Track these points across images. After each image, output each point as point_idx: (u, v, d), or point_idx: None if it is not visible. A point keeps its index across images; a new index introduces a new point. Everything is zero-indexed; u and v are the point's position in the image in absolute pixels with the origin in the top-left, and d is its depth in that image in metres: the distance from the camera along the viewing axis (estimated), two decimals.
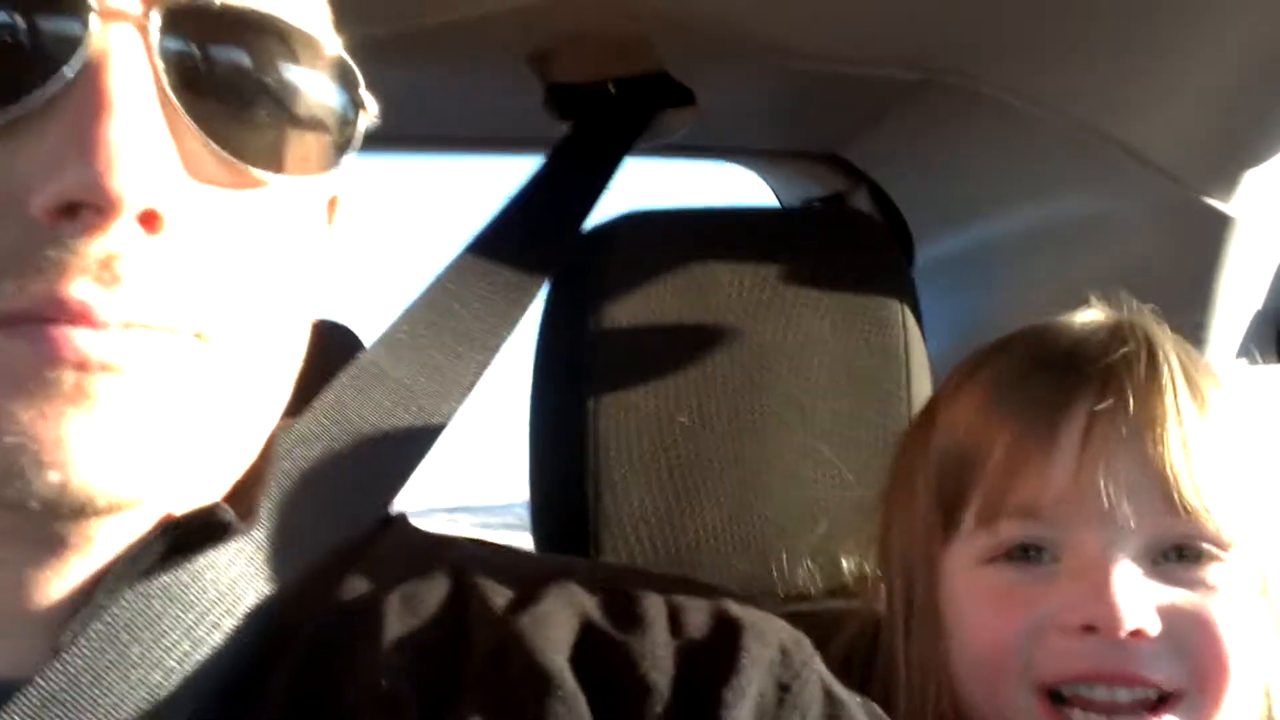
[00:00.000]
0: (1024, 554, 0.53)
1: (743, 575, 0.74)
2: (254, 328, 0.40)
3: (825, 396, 0.77)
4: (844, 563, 0.71)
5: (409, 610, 0.43)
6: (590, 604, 0.45)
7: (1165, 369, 0.53)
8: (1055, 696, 0.51)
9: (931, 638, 0.57)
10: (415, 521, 0.51)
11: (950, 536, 0.56)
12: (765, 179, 1.22)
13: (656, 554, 0.72)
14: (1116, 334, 0.56)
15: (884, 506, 0.64)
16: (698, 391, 0.74)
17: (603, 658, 0.43)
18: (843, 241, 0.83)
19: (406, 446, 0.50)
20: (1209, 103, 0.83)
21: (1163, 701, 0.50)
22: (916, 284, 0.85)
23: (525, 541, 0.78)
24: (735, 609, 0.47)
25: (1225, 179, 0.88)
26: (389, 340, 0.54)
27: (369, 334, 0.61)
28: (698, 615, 0.46)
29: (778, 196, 1.22)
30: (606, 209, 0.81)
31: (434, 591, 0.45)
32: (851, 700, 0.45)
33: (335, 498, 0.46)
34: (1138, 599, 0.49)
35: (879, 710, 0.47)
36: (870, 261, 0.83)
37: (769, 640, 0.45)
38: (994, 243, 1.06)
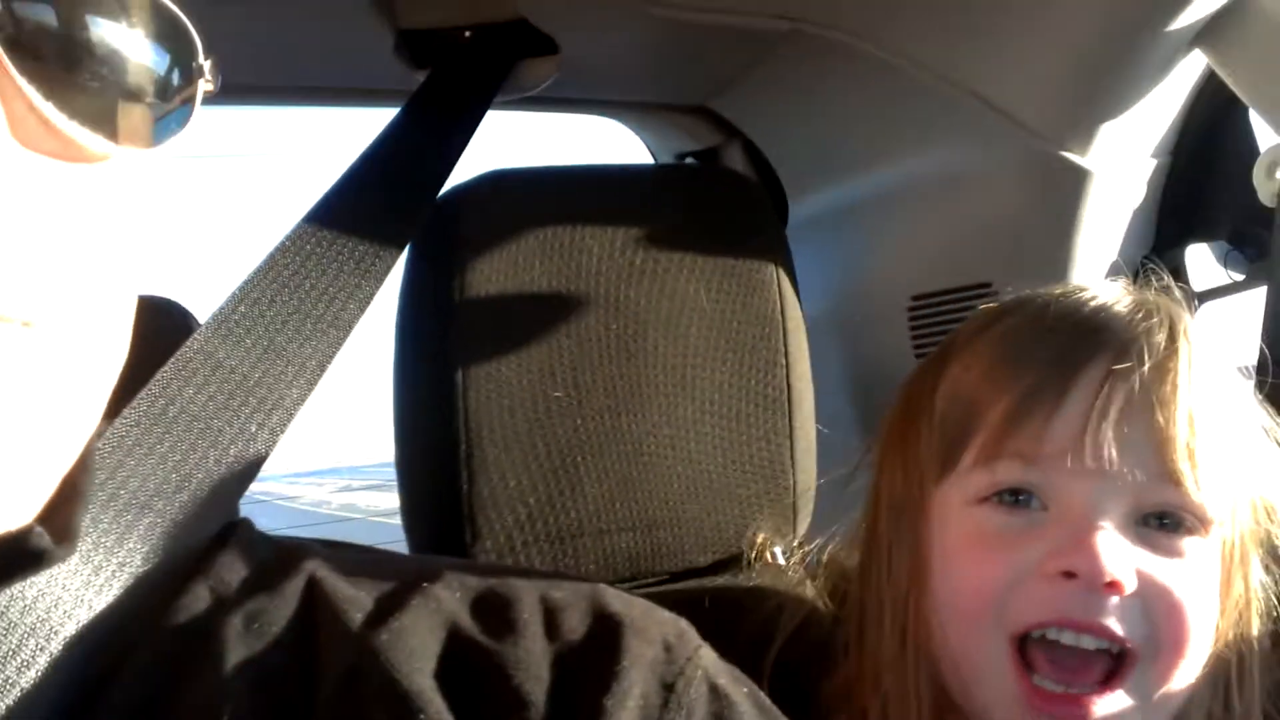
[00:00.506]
0: (1014, 499, 0.55)
1: (629, 554, 0.72)
2: (86, 314, 0.34)
3: (704, 365, 0.75)
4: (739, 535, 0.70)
5: (252, 631, 0.39)
6: (458, 610, 0.42)
7: (1184, 344, 0.55)
8: (1023, 641, 0.53)
9: (912, 575, 0.58)
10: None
11: (946, 474, 0.57)
12: (638, 133, 1.19)
13: (537, 537, 0.69)
14: (1142, 306, 0.58)
15: (880, 445, 0.65)
16: (573, 364, 0.71)
17: (473, 670, 0.40)
18: (716, 201, 0.81)
19: (246, 443, 0.45)
20: (1067, 56, 0.84)
21: (1119, 660, 0.52)
22: (790, 243, 0.84)
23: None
24: (615, 604, 0.45)
25: (1083, 133, 0.90)
26: (220, 322, 0.49)
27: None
28: (575, 615, 0.43)
29: (651, 151, 1.20)
30: (471, 168, 0.77)
31: (281, 608, 0.41)
32: (738, 692, 0.44)
33: (165, 509, 0.41)
34: (1119, 553, 0.51)
35: (766, 701, 0.46)
36: (744, 221, 0.81)
37: (651, 637, 0.43)
38: (865, 200, 1.07)
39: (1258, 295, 1.02)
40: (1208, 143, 1.01)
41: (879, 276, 0.66)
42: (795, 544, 0.75)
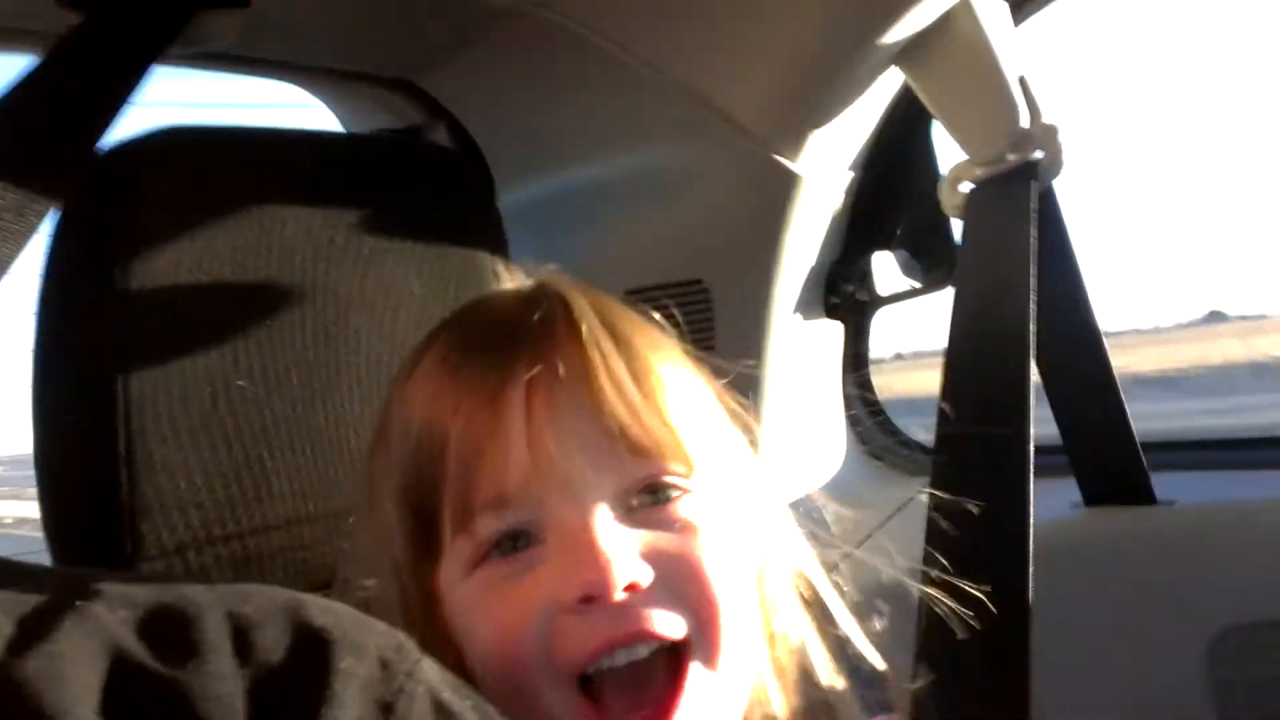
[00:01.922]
0: (512, 545, 0.52)
1: (322, 561, 0.66)
2: None
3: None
4: None
5: None
6: (122, 631, 0.37)
7: (584, 325, 0.54)
8: (586, 683, 0.51)
9: (454, 665, 0.52)
10: None
11: (437, 559, 0.54)
12: (330, 105, 1.12)
13: (215, 546, 0.62)
14: (532, 298, 0.57)
15: (356, 534, 0.60)
16: (260, 349, 0.65)
17: (149, 702, 0.35)
18: (428, 178, 0.77)
19: None
20: (783, 61, 0.89)
21: (677, 657, 0.52)
22: None
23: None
24: (320, 617, 0.40)
25: (794, 138, 0.96)
26: None
27: None
28: (271, 631, 0.39)
29: (345, 127, 1.13)
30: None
31: None
32: (463, 706, 0.42)
33: None
34: (623, 552, 0.50)
35: (492, 710, 0.44)
36: (459, 203, 0.78)
37: (364, 652, 0.40)
38: (578, 190, 1.08)
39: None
40: (895, 157, 1.13)
41: (591, 269, 0.66)
42: None
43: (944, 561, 0.67)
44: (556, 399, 0.52)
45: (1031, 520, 0.74)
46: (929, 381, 0.84)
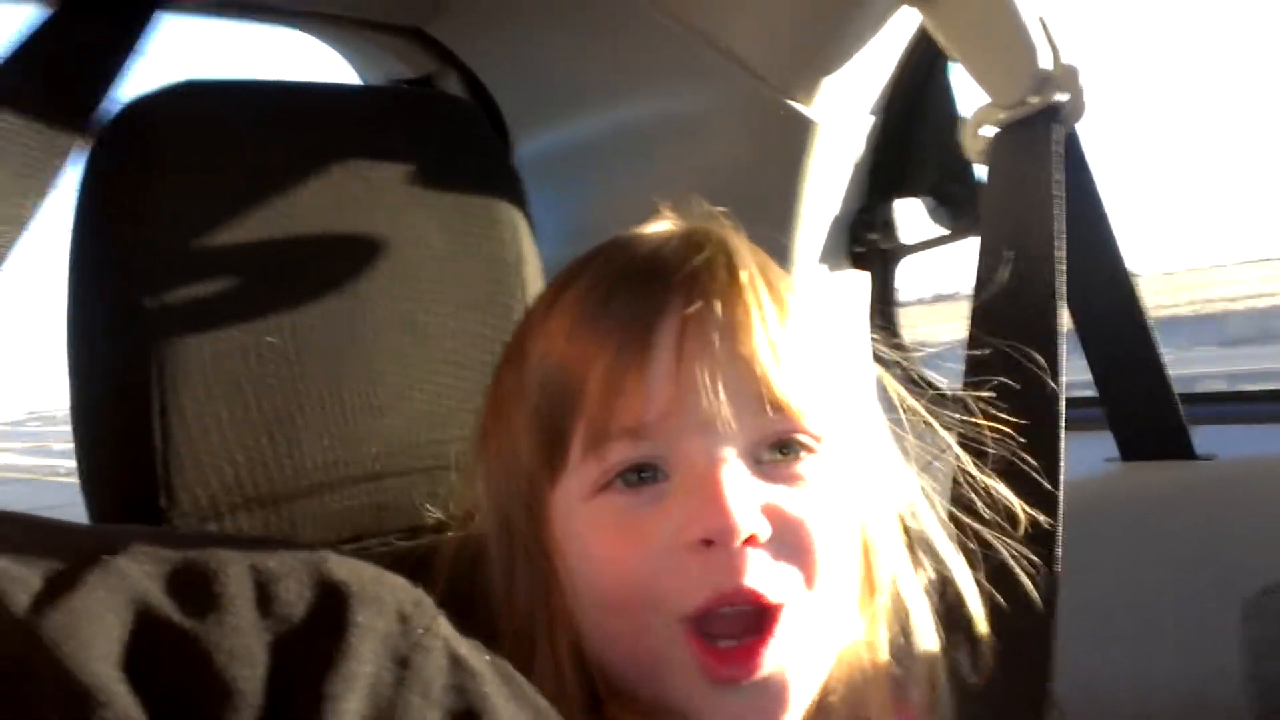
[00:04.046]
0: (637, 477, 0.55)
1: (352, 514, 0.69)
2: None
3: (437, 310, 0.73)
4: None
5: None
6: (148, 586, 0.38)
7: (744, 272, 0.56)
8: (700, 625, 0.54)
9: (544, 580, 0.57)
10: None
11: (558, 474, 0.57)
12: (343, 53, 1.13)
13: (246, 500, 0.64)
14: (692, 240, 0.59)
15: (480, 448, 0.63)
16: (290, 305, 0.67)
17: (168, 656, 0.36)
18: (444, 129, 0.79)
19: None
20: (796, 4, 0.90)
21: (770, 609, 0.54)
22: None
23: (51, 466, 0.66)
24: (340, 571, 0.42)
25: (809, 82, 0.97)
26: None
27: None
28: (292, 584, 0.40)
29: (360, 76, 1.14)
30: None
31: None
32: (480, 662, 0.44)
33: None
34: (748, 503, 0.53)
35: (510, 669, 0.46)
36: (476, 154, 0.80)
37: (383, 606, 0.42)
38: (593, 139, 1.09)
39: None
40: (914, 102, 1.13)
41: (609, 220, 0.67)
42: None
43: (969, 519, 0.68)
44: (710, 340, 0.54)
45: (1063, 475, 0.75)
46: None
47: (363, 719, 0.38)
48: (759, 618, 0.53)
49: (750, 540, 0.53)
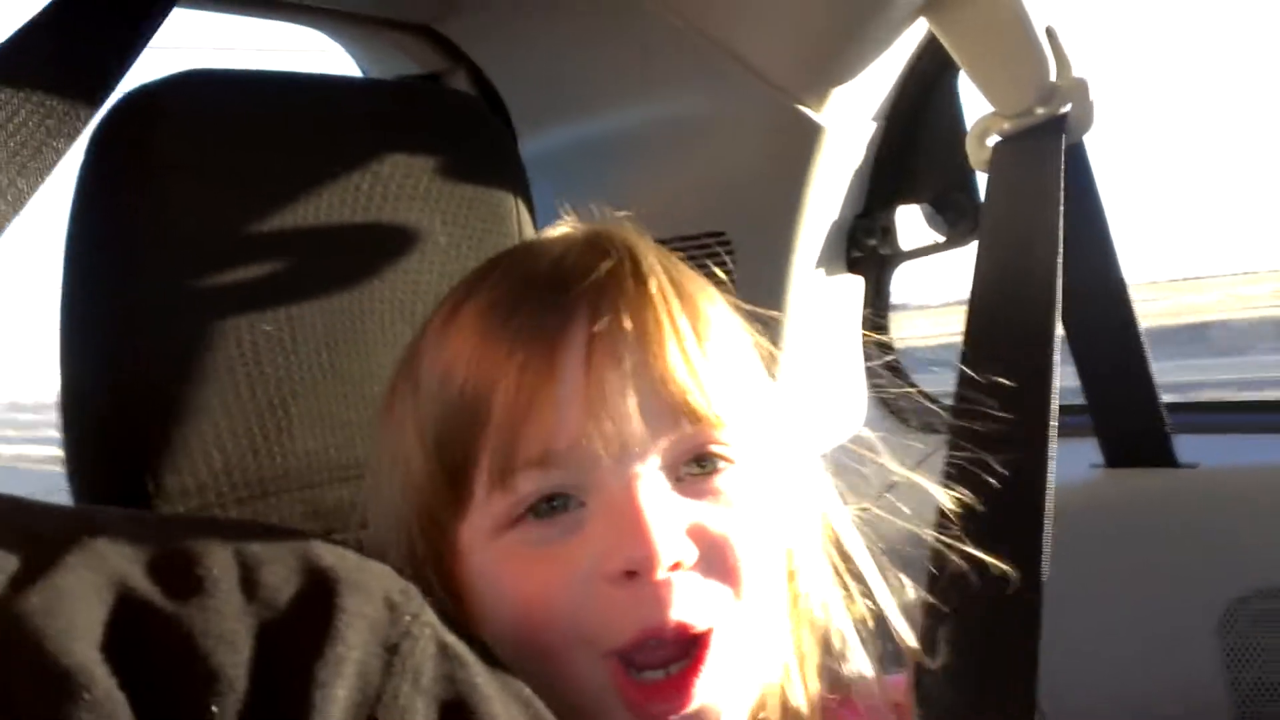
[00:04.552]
0: (548, 507, 0.51)
1: (342, 508, 0.69)
2: None
3: (438, 300, 0.74)
4: None
5: None
6: (129, 568, 0.37)
7: (653, 280, 0.53)
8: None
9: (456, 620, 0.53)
10: None
11: (463, 508, 0.53)
12: (350, 50, 1.13)
13: (235, 487, 0.65)
14: (596, 246, 0.56)
15: (375, 474, 0.59)
16: (285, 293, 0.67)
17: (150, 640, 0.36)
18: (450, 124, 0.79)
19: None
20: (809, 12, 0.90)
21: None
22: None
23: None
24: (328, 558, 0.42)
25: (819, 89, 0.97)
26: None
27: None
28: (278, 570, 0.40)
29: (365, 72, 1.15)
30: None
31: None
32: (467, 651, 0.43)
33: None
34: (670, 526, 0.50)
35: (495, 655, 0.45)
36: (482, 149, 0.80)
37: (370, 593, 0.41)
38: (601, 139, 1.09)
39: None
40: (919, 109, 1.14)
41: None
42: None
43: (957, 522, 0.69)
44: (620, 356, 0.51)
45: (1050, 481, 0.75)
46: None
47: (351, 705, 0.37)
48: (688, 644, 0.51)
49: (674, 566, 0.50)
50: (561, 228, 0.62)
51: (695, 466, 0.53)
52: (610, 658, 0.50)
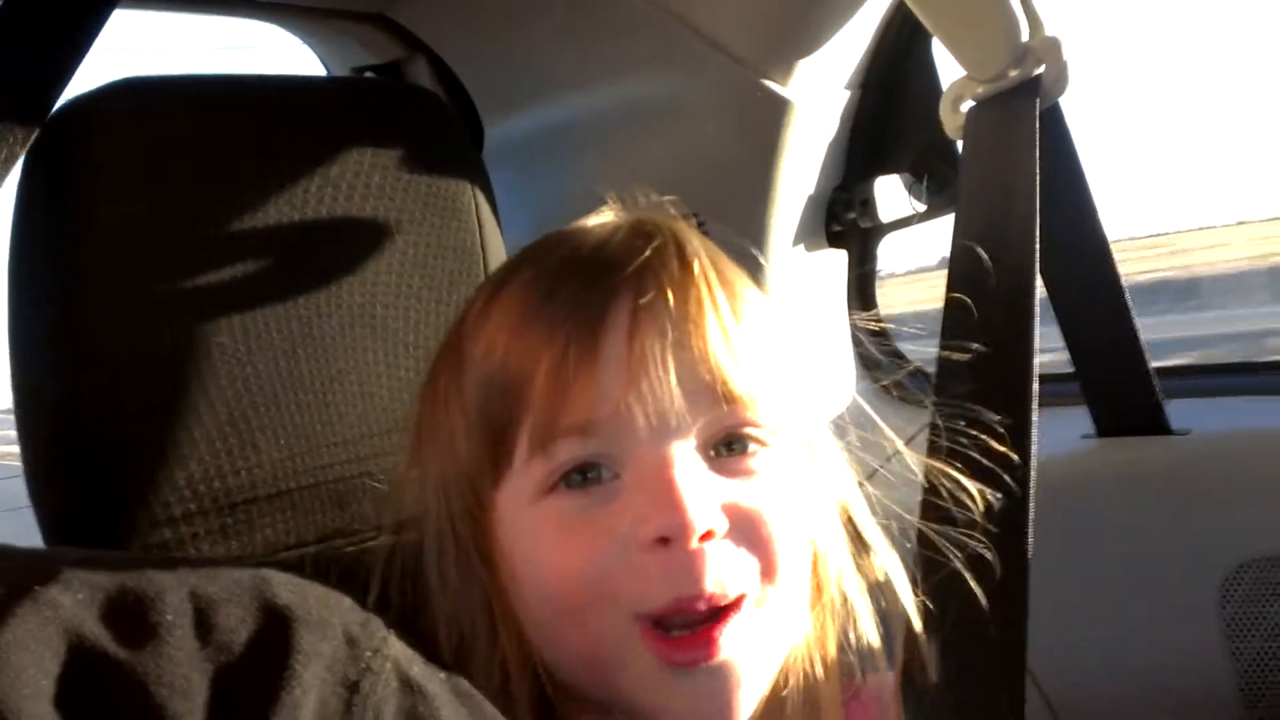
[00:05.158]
0: (583, 477, 0.54)
1: (314, 517, 0.68)
2: None
3: (397, 302, 0.72)
4: None
5: None
6: (82, 616, 0.37)
7: (696, 263, 0.55)
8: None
9: (487, 585, 0.56)
10: None
11: (501, 476, 0.55)
12: (309, 43, 1.11)
13: (203, 507, 0.63)
14: (641, 231, 0.58)
15: (414, 453, 0.61)
16: (239, 303, 0.66)
17: (104, 690, 0.35)
18: (402, 119, 0.77)
19: None
20: None
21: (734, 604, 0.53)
22: (488, 169, 0.83)
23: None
24: (285, 594, 0.41)
25: (784, 62, 0.95)
26: None
27: None
28: (234, 610, 0.39)
29: (325, 64, 1.13)
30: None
31: None
32: (433, 681, 0.43)
33: None
34: (703, 498, 0.52)
35: (465, 685, 0.45)
36: (436, 143, 0.78)
37: (329, 630, 0.41)
38: (568, 124, 1.07)
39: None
40: (893, 77, 1.11)
41: (584, 206, 0.66)
42: None
43: (944, 497, 0.68)
44: (663, 332, 0.53)
45: (1034, 447, 0.74)
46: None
47: None
48: (717, 610, 0.53)
49: (707, 536, 0.52)
50: (606, 214, 0.63)
51: (728, 447, 0.55)
52: (641, 619, 0.52)
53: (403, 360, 0.73)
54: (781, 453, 0.57)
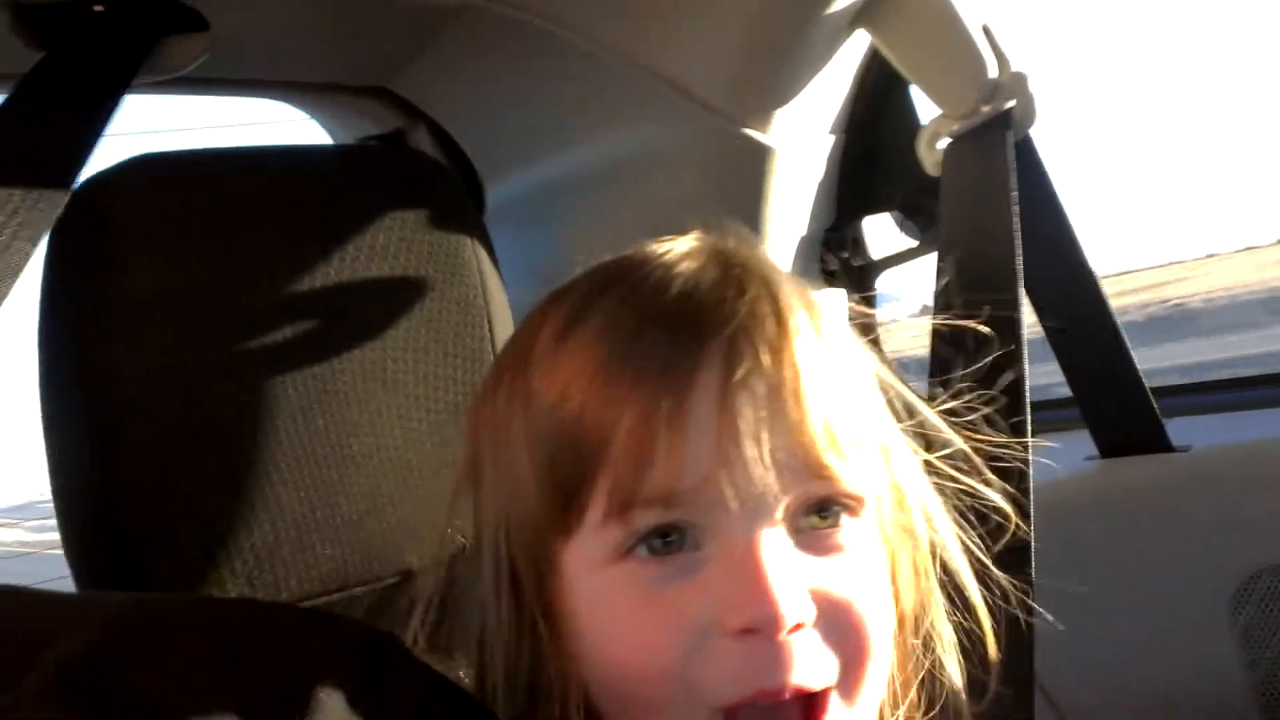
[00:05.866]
0: (663, 543, 0.50)
1: (336, 567, 0.71)
2: None
3: (406, 357, 0.75)
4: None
5: None
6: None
7: (793, 320, 0.51)
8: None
9: (549, 642, 0.53)
10: None
11: (571, 532, 0.51)
12: (314, 116, 1.17)
13: (229, 559, 0.67)
14: (730, 275, 0.53)
15: (468, 490, 0.58)
16: (258, 364, 0.69)
17: None
18: (404, 184, 0.82)
19: None
20: (738, 35, 0.92)
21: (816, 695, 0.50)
22: (489, 228, 0.87)
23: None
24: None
25: (762, 111, 0.99)
26: None
27: None
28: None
29: (332, 136, 1.18)
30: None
31: None
32: None
33: None
34: (794, 587, 0.48)
35: None
36: (437, 205, 0.82)
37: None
38: (561, 181, 1.11)
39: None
40: (876, 118, 1.16)
41: (579, 260, 0.69)
42: None
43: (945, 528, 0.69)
44: (758, 403, 0.49)
45: (1032, 479, 0.76)
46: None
47: None
48: (802, 703, 0.50)
49: (797, 627, 0.48)
50: (684, 243, 0.57)
51: (816, 518, 0.52)
52: (718, 713, 0.49)
53: (413, 412, 0.76)
54: (870, 523, 0.54)
